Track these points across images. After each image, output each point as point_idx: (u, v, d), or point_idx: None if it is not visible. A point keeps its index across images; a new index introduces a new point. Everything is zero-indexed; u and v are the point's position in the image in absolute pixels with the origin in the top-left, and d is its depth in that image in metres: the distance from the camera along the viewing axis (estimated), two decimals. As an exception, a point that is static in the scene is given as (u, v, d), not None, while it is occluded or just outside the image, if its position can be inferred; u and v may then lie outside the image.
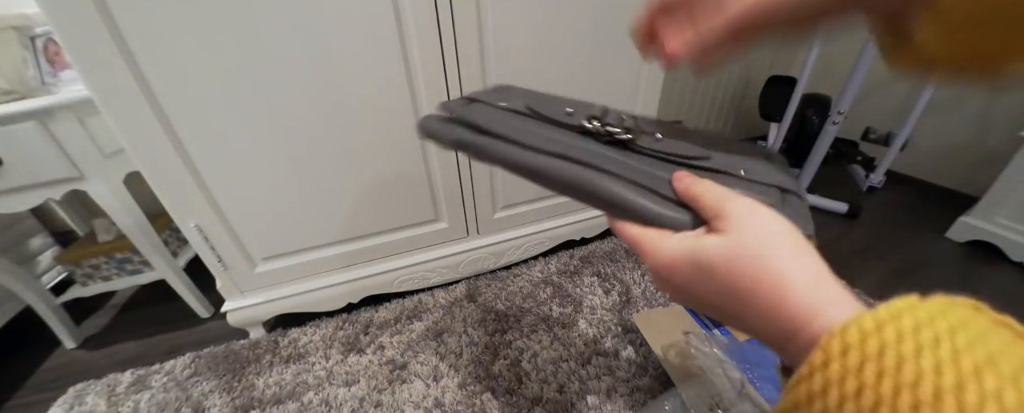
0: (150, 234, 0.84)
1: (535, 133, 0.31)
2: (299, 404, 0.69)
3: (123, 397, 0.73)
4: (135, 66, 0.53)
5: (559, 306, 0.86)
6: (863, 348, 0.14)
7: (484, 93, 0.38)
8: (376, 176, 0.74)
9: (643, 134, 0.30)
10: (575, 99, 0.36)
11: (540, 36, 0.71)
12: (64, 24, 0.49)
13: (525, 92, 0.39)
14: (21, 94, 0.80)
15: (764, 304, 0.18)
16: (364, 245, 0.82)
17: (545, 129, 0.32)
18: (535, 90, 0.40)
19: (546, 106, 0.34)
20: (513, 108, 0.34)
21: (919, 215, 1.20)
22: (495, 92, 0.39)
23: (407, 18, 0.62)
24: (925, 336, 0.14)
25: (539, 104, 0.34)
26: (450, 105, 0.36)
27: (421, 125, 0.36)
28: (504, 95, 0.38)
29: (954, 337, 0.13)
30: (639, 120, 0.32)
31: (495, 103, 0.35)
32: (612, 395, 0.66)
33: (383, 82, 0.66)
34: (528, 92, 0.39)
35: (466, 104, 0.36)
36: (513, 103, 0.35)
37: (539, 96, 0.37)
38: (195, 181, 0.64)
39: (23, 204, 0.71)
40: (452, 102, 0.37)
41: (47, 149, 0.67)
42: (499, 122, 0.32)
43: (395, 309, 0.88)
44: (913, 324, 0.14)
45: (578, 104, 0.34)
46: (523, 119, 0.33)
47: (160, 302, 0.99)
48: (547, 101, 0.35)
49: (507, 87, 0.41)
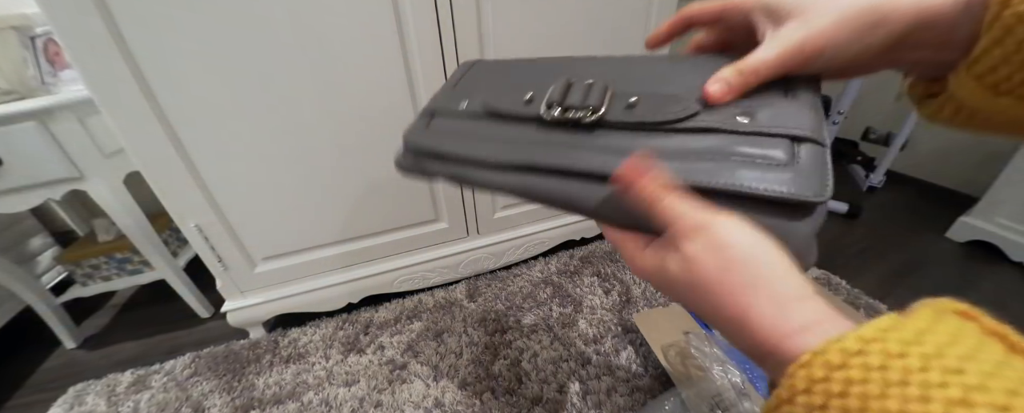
0: (150, 234, 0.84)
1: (493, 142, 0.29)
2: (299, 404, 0.69)
3: (123, 397, 0.73)
4: (135, 66, 0.53)
5: (559, 306, 0.86)
6: (827, 383, 0.14)
7: (444, 94, 0.36)
8: (376, 176, 0.74)
9: (614, 102, 0.26)
10: (546, 62, 0.33)
11: (540, 36, 0.71)
12: (64, 24, 0.49)
13: (488, 73, 0.36)
14: (21, 94, 0.80)
15: (731, 328, 0.18)
16: (364, 245, 0.82)
17: (504, 130, 0.29)
18: (501, 62, 0.36)
19: (505, 97, 0.30)
20: (471, 112, 0.32)
21: (919, 215, 1.20)
22: (456, 87, 0.36)
23: (407, 18, 0.62)
24: (892, 373, 0.13)
25: (498, 95, 0.31)
26: (411, 134, 0.34)
27: (396, 164, 0.34)
28: (465, 87, 0.35)
29: (941, 357, 0.13)
30: (612, 81, 0.27)
31: (455, 109, 0.33)
32: (612, 395, 0.66)
33: (383, 82, 0.66)
34: (491, 72, 0.36)
35: (426, 124, 0.34)
36: (472, 102, 0.32)
37: (501, 77, 0.34)
38: (195, 181, 0.64)
39: (23, 204, 0.71)
40: (413, 127, 0.34)
41: (47, 149, 0.67)
42: (457, 139, 0.31)
43: (395, 309, 0.88)
44: (881, 357, 0.13)
45: (544, 75, 0.30)
46: (482, 124, 0.31)
47: (160, 302, 0.99)
48: (508, 86, 0.32)
49: (471, 66, 0.38)
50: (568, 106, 0.26)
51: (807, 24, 0.21)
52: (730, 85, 0.22)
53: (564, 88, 0.27)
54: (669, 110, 0.24)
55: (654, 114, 0.24)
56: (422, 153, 0.33)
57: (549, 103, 0.27)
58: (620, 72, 0.28)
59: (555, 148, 0.26)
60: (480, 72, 0.36)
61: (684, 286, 0.20)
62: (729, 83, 0.22)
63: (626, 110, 0.25)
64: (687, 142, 0.23)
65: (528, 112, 0.28)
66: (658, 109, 0.24)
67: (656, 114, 0.24)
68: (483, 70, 0.36)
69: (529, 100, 0.29)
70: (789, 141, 0.21)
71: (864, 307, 0.82)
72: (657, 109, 0.24)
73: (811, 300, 0.17)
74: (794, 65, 0.21)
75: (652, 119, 0.24)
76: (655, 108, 0.24)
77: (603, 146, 0.25)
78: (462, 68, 0.38)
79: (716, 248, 0.19)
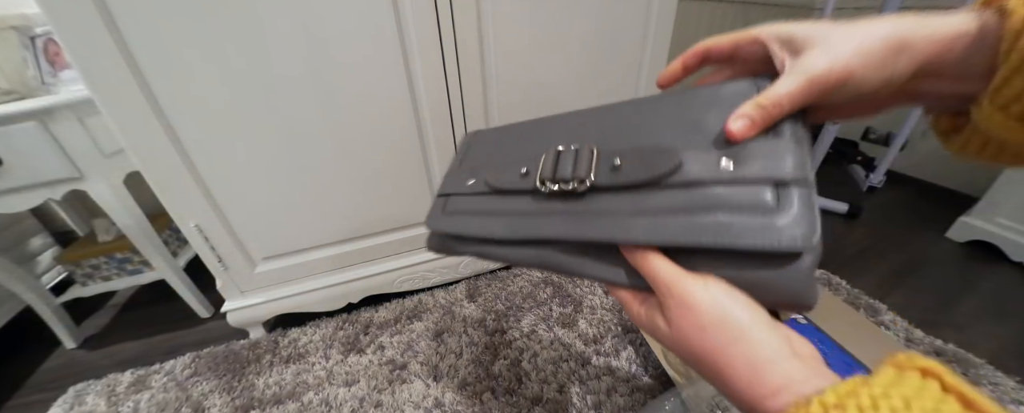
0: (150, 234, 0.84)
1: (501, 218, 0.31)
2: (299, 404, 0.69)
3: (123, 397, 0.73)
4: (135, 66, 0.53)
5: (559, 306, 0.86)
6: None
7: (453, 175, 0.38)
8: (376, 176, 0.74)
9: (601, 165, 0.27)
10: (536, 125, 0.35)
11: (539, 39, 0.71)
12: (64, 24, 0.49)
13: (487, 144, 0.39)
14: (21, 94, 0.80)
15: (716, 383, 0.20)
16: (364, 245, 0.82)
17: (508, 203, 0.32)
18: (497, 130, 0.39)
19: (504, 173, 0.33)
20: (477, 190, 0.35)
21: (919, 215, 1.20)
22: (462, 164, 0.39)
23: (407, 20, 0.62)
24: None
25: (498, 171, 0.34)
26: (432, 220, 0.37)
27: (428, 247, 0.39)
28: (470, 163, 0.38)
29: (908, 409, 0.14)
30: (599, 138, 0.29)
31: (464, 187, 0.36)
32: (612, 395, 0.66)
33: (383, 82, 0.66)
34: (489, 143, 0.39)
35: (443, 207, 0.37)
36: (477, 179, 0.35)
37: (498, 149, 0.37)
38: (195, 181, 0.64)
39: (23, 204, 0.71)
40: (433, 212, 0.38)
41: (47, 149, 0.67)
42: (471, 219, 0.34)
43: (395, 309, 0.88)
44: (855, 410, 0.14)
45: (535, 142, 0.33)
46: (490, 200, 0.34)
47: (160, 302, 0.99)
48: (505, 160, 0.34)
49: (473, 138, 0.41)
50: (559, 178, 0.28)
51: (830, 52, 0.20)
52: (752, 120, 0.22)
53: (554, 159, 0.29)
54: (653, 166, 0.24)
55: (638, 173, 0.25)
56: (445, 236, 0.36)
57: (542, 179, 0.29)
58: (607, 125, 0.30)
59: (554, 219, 0.28)
60: (480, 144, 0.40)
61: (671, 343, 0.22)
62: (751, 119, 0.22)
63: (612, 172, 0.26)
64: (673, 198, 0.23)
65: (525, 186, 0.30)
66: (642, 167, 0.25)
67: (640, 173, 0.25)
68: (483, 142, 0.40)
69: (525, 174, 0.31)
70: (773, 186, 0.21)
71: (864, 307, 0.82)
72: (641, 167, 0.25)
73: (786, 362, 0.18)
74: (818, 94, 0.21)
75: (637, 179, 0.25)
76: (639, 167, 0.25)
77: (596, 210, 0.26)
78: (465, 142, 0.42)
79: (690, 311, 0.20)
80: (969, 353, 0.70)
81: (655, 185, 0.24)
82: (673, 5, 0.78)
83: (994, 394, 0.63)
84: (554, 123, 0.34)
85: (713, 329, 0.20)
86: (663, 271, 0.22)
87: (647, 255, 0.23)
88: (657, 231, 0.23)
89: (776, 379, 0.18)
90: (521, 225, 0.30)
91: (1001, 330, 0.78)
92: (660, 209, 0.23)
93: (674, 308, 0.21)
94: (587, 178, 0.27)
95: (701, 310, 0.20)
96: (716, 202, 0.22)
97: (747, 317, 0.19)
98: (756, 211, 0.21)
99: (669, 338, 0.22)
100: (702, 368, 0.20)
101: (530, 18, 0.69)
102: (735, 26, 1.39)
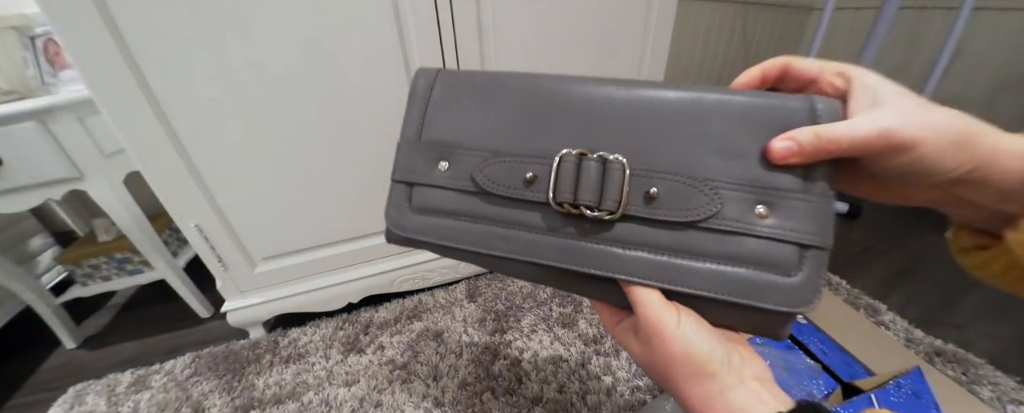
0: (150, 234, 0.84)
1: (489, 227, 0.26)
2: (299, 404, 0.69)
3: (123, 397, 0.73)
4: (135, 66, 0.53)
5: (559, 306, 0.86)
6: None
7: (415, 153, 0.29)
8: (376, 176, 0.74)
9: (633, 189, 0.23)
10: (546, 106, 0.26)
11: (539, 37, 0.71)
12: (64, 24, 0.49)
13: (466, 107, 0.28)
14: (21, 94, 0.80)
15: (680, 404, 0.23)
16: (364, 245, 0.82)
17: (504, 212, 0.26)
18: (471, 82, 0.29)
19: (499, 169, 0.26)
20: (457, 186, 0.27)
21: (919, 215, 1.20)
22: (423, 133, 0.29)
23: (407, 19, 0.62)
24: None
25: (490, 165, 0.26)
26: (394, 215, 0.29)
27: (388, 239, 0.31)
28: (440, 132, 0.28)
29: None
30: (626, 143, 0.24)
31: (435, 175, 0.28)
32: (612, 395, 0.66)
33: (383, 80, 0.66)
34: (471, 104, 0.28)
35: (407, 198, 0.29)
36: (455, 169, 0.27)
37: (486, 123, 0.27)
38: (195, 181, 0.64)
39: (23, 204, 0.71)
40: (393, 204, 0.29)
41: (47, 149, 0.67)
42: (454, 229, 0.27)
43: (395, 309, 0.88)
44: None
45: (545, 137, 0.26)
46: (476, 202, 0.26)
47: (160, 302, 0.99)
48: (498, 147, 0.26)
49: (431, 84, 0.30)
50: (583, 202, 0.23)
51: (908, 115, 0.20)
52: (801, 148, 0.21)
53: (574, 170, 0.24)
54: (692, 206, 0.23)
55: (677, 211, 0.23)
56: (414, 241, 0.29)
57: (560, 199, 0.24)
58: (636, 124, 0.24)
59: (567, 246, 0.25)
60: (449, 98, 0.29)
61: (640, 362, 0.25)
62: (801, 146, 0.21)
63: (647, 204, 0.23)
64: (703, 242, 0.23)
65: (532, 197, 0.25)
66: (681, 204, 0.23)
67: (679, 211, 0.23)
68: (454, 93, 0.29)
69: (532, 180, 0.25)
70: (799, 248, 0.22)
71: (864, 307, 0.82)
72: (680, 204, 0.23)
73: (732, 392, 0.21)
74: (879, 149, 0.20)
75: (673, 219, 0.23)
76: (678, 202, 0.23)
77: (615, 238, 0.24)
78: (421, 89, 0.30)
79: (662, 342, 0.22)
80: (969, 353, 0.70)
81: (688, 226, 0.23)
82: (673, 5, 0.78)
83: (994, 394, 0.63)
84: (565, 100, 0.26)
85: (677, 362, 0.22)
86: (647, 300, 0.23)
87: (646, 294, 0.24)
88: (684, 277, 0.23)
89: (725, 409, 0.20)
90: (522, 245, 0.25)
91: (1001, 330, 0.78)
92: (689, 251, 0.23)
93: (648, 336, 0.23)
94: (618, 207, 0.23)
95: (669, 344, 0.22)
96: (746, 255, 0.22)
97: (705, 352, 0.22)
98: (780, 270, 0.22)
99: (639, 358, 0.25)
100: (668, 390, 0.23)
101: (530, 17, 0.69)
102: (735, 26, 1.39)
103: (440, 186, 0.28)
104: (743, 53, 1.66)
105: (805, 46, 1.81)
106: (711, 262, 0.23)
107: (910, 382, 0.55)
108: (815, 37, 1.08)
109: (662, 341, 0.22)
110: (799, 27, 1.76)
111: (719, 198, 0.22)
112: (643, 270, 0.23)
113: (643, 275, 0.23)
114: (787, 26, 1.71)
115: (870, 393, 0.53)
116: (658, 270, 0.23)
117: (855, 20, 1.53)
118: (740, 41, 1.61)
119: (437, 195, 0.28)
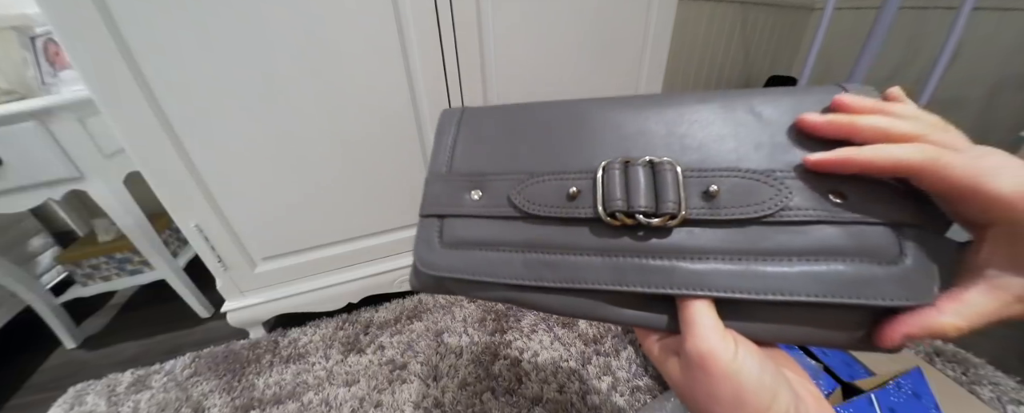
0: (150, 234, 0.84)
1: (540, 255, 0.23)
2: (299, 404, 0.69)
3: (123, 397, 0.73)
4: (135, 66, 0.53)
5: (559, 306, 0.86)
6: None
7: (441, 183, 0.27)
8: (376, 176, 0.74)
9: (690, 189, 0.21)
10: (575, 125, 0.25)
11: (540, 37, 0.71)
12: (64, 24, 0.49)
13: (493, 139, 0.27)
14: (21, 94, 0.80)
15: None
16: (364, 245, 0.82)
17: (546, 233, 0.23)
18: (501, 115, 0.28)
19: (539, 190, 0.24)
20: (492, 212, 0.25)
21: (919, 215, 1.20)
22: (452, 166, 0.27)
23: (407, 20, 0.62)
24: None
25: (526, 186, 0.24)
26: (423, 253, 0.26)
27: (413, 287, 0.28)
28: (468, 165, 0.27)
29: None
30: (669, 146, 0.22)
31: (467, 204, 0.25)
32: (612, 395, 0.66)
33: (383, 83, 0.66)
34: (498, 135, 0.27)
35: (438, 233, 0.26)
36: (489, 195, 0.25)
37: (517, 149, 0.26)
38: (195, 181, 0.64)
39: (23, 204, 0.71)
40: (423, 240, 0.26)
41: (47, 149, 0.67)
42: (489, 256, 0.24)
43: (395, 309, 0.88)
44: None
45: (581, 153, 0.24)
46: (516, 227, 0.24)
47: (160, 302, 0.99)
48: (532, 169, 0.25)
49: (459, 121, 0.29)
50: (636, 208, 0.21)
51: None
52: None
53: (622, 176, 0.21)
54: (759, 200, 0.20)
55: (742, 208, 0.20)
56: (447, 279, 0.25)
57: (611, 209, 0.21)
58: (670, 129, 0.23)
59: (625, 265, 0.21)
60: (476, 133, 0.28)
61: (678, 389, 0.21)
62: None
63: (706, 202, 0.20)
64: (781, 239, 0.20)
65: (578, 213, 0.22)
66: (745, 199, 0.20)
67: (745, 207, 0.20)
68: (478, 128, 0.28)
69: (574, 195, 0.22)
70: (892, 231, 0.19)
71: (864, 307, 0.82)
72: (744, 200, 0.20)
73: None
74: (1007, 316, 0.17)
75: (741, 217, 0.20)
76: (742, 198, 0.20)
77: (678, 248, 0.20)
78: (448, 128, 0.29)
79: (708, 377, 0.19)
80: (969, 353, 0.70)
81: (757, 223, 0.20)
82: (673, 5, 0.78)
83: (994, 394, 0.63)
84: (594, 119, 0.25)
85: (725, 403, 0.18)
86: (701, 323, 0.19)
87: (695, 301, 0.20)
88: (772, 282, 0.19)
89: None
90: (570, 271, 0.22)
91: (1001, 330, 0.78)
92: (767, 252, 0.20)
93: (693, 366, 0.19)
94: (679, 209, 0.20)
95: (719, 380, 0.18)
96: (835, 247, 0.19)
97: (766, 397, 0.18)
98: (880, 258, 0.18)
99: (676, 383, 0.21)
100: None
101: (530, 16, 0.69)
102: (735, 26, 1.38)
103: (474, 215, 0.25)
104: (743, 53, 1.66)
105: (805, 46, 1.81)
106: (798, 261, 0.19)
107: (910, 382, 0.55)
108: (815, 37, 1.08)
109: (708, 376, 0.19)
110: (799, 27, 1.77)
111: (787, 187, 0.20)
112: (721, 281, 0.20)
113: (722, 287, 0.19)
114: (787, 26, 1.71)
115: (870, 393, 0.53)
116: (739, 279, 0.19)
117: (855, 20, 1.53)
118: (740, 41, 1.61)
119: (471, 226, 0.25)
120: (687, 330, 0.20)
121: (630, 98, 0.25)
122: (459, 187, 0.26)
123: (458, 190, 0.26)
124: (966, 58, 1.28)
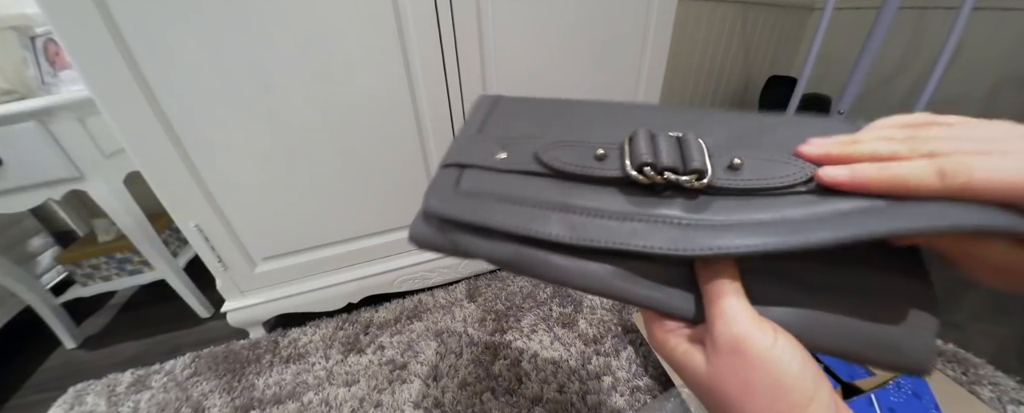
0: (150, 234, 0.84)
1: (555, 212, 0.22)
2: (299, 404, 0.69)
3: (123, 397, 0.73)
4: (135, 66, 0.53)
5: (559, 306, 0.86)
6: None
7: (468, 142, 0.27)
8: (376, 176, 0.74)
9: (715, 162, 0.21)
10: (593, 107, 0.27)
11: (540, 38, 0.71)
12: (64, 24, 0.49)
13: (522, 114, 0.29)
14: (21, 94, 0.80)
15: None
16: (364, 245, 0.82)
17: (571, 194, 0.22)
18: (534, 100, 0.30)
19: (567, 150, 0.24)
20: (517, 167, 0.24)
21: (919, 215, 1.20)
22: (482, 132, 0.28)
23: (407, 19, 0.62)
24: None
25: (555, 146, 0.24)
26: (436, 197, 0.25)
27: (412, 238, 0.26)
28: (496, 132, 0.27)
29: None
30: (694, 129, 0.22)
31: (491, 161, 0.25)
32: (612, 395, 0.66)
33: (383, 82, 0.66)
34: (526, 112, 0.29)
35: (455, 182, 0.25)
36: (515, 153, 0.25)
37: (545, 122, 0.27)
38: (195, 181, 0.64)
39: (23, 204, 0.71)
40: (437, 186, 0.25)
41: (47, 149, 0.67)
42: (505, 208, 0.23)
43: (395, 309, 0.88)
44: None
45: (603, 123, 0.25)
46: (537, 183, 0.23)
47: (160, 302, 0.99)
48: (563, 134, 0.25)
49: (495, 103, 0.31)
50: (665, 166, 0.20)
51: None
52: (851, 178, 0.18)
53: (649, 141, 0.21)
54: (780, 174, 0.19)
55: (764, 179, 0.20)
56: (455, 225, 0.24)
57: (639, 164, 0.21)
58: (690, 121, 0.24)
59: (655, 226, 0.20)
60: (508, 113, 0.29)
61: (699, 382, 0.19)
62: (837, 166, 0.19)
63: (729, 172, 0.20)
64: (808, 206, 0.19)
65: (605, 172, 0.22)
66: (767, 173, 0.20)
67: (767, 179, 0.20)
68: (511, 111, 0.29)
69: (602, 156, 0.22)
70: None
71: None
72: (766, 173, 0.20)
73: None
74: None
75: (765, 186, 0.19)
76: (763, 171, 0.20)
77: (706, 221, 0.20)
78: (483, 106, 0.30)
79: (743, 361, 0.17)
80: (969, 353, 0.70)
81: (785, 193, 0.19)
82: (673, 5, 0.78)
83: (994, 394, 0.63)
84: (622, 110, 0.26)
85: (762, 393, 0.17)
86: (730, 303, 0.18)
87: (730, 289, 0.19)
88: (799, 233, 0.18)
89: None
90: (597, 229, 0.21)
91: (1001, 330, 0.78)
92: (801, 220, 0.18)
93: (725, 351, 0.18)
94: (705, 173, 0.20)
95: (757, 365, 0.17)
96: (866, 206, 0.18)
97: (808, 389, 0.17)
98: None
99: (699, 378, 0.19)
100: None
101: (530, 16, 0.69)
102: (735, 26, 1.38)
103: (497, 169, 0.25)
104: (743, 53, 1.66)
105: (805, 46, 1.81)
106: (828, 221, 0.18)
107: (910, 382, 0.55)
108: (815, 37, 1.08)
109: (744, 361, 0.17)
110: (799, 27, 1.77)
111: (805, 166, 0.19)
112: (749, 241, 0.18)
113: (749, 246, 0.18)
114: (787, 26, 1.71)
115: (870, 393, 0.53)
116: (767, 234, 0.18)
117: (855, 20, 1.53)
118: (740, 41, 1.61)
119: (492, 178, 0.24)
120: (716, 314, 0.19)
121: (658, 104, 0.27)
122: (487, 145, 0.26)
123: (485, 147, 0.26)
124: (966, 58, 1.28)
